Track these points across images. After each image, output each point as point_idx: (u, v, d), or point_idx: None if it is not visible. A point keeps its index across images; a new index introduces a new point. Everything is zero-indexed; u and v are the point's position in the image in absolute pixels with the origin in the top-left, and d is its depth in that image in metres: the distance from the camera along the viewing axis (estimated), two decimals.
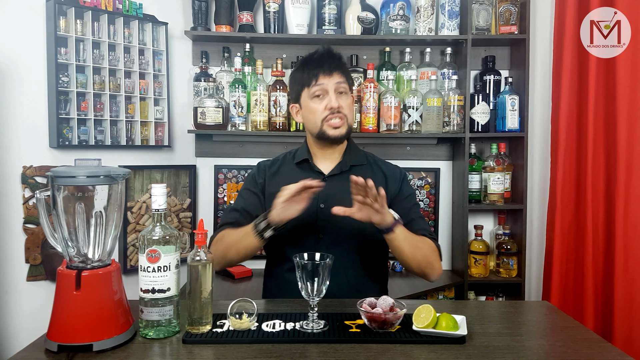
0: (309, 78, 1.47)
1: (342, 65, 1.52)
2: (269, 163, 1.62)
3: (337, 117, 1.46)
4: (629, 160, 2.18)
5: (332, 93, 1.46)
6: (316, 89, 1.46)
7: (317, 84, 1.46)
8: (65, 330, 1.05)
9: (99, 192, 1.12)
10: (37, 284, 1.99)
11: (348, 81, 1.52)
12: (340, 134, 1.47)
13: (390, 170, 1.59)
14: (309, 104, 1.48)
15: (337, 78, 1.47)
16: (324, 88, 1.46)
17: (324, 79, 1.46)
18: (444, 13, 2.35)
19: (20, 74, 1.93)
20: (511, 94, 2.35)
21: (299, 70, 1.52)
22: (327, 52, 1.51)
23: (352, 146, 1.58)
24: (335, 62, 1.49)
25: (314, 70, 1.47)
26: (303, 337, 1.11)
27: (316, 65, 1.48)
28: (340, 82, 1.48)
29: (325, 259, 1.17)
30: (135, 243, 2.21)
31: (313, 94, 1.47)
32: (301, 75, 1.51)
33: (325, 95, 1.46)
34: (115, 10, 2.11)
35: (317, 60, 1.49)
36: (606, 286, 2.24)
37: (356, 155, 1.57)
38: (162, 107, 2.31)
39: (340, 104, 1.46)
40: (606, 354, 1.07)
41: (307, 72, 1.48)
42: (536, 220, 2.51)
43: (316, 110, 1.47)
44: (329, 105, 1.45)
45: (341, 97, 1.48)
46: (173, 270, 1.12)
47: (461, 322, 1.15)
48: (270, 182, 1.55)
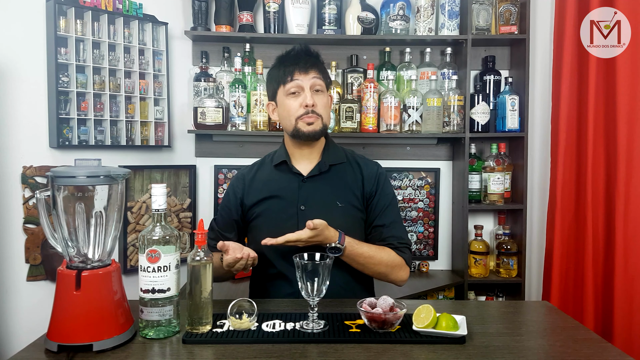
0: (284, 75, 1.46)
1: (319, 63, 1.50)
2: (246, 170, 1.60)
3: (312, 115, 1.44)
4: (629, 160, 2.18)
5: (308, 90, 1.45)
6: (291, 86, 1.45)
7: (292, 81, 1.45)
8: (65, 330, 1.05)
9: (99, 192, 1.12)
10: (37, 284, 1.99)
11: (325, 80, 1.50)
12: (314, 130, 1.45)
13: (367, 168, 1.56)
14: (285, 101, 1.47)
15: (314, 75, 1.46)
16: (300, 85, 1.45)
17: (299, 75, 1.45)
18: (444, 13, 2.35)
19: (20, 74, 1.93)
20: (511, 94, 2.35)
21: (276, 68, 1.51)
22: (304, 50, 1.50)
23: (330, 145, 1.56)
24: (312, 59, 1.48)
25: (290, 67, 1.46)
26: (303, 337, 1.11)
27: (292, 62, 1.47)
28: (316, 78, 1.46)
29: (325, 259, 1.18)
30: (135, 243, 2.21)
31: (288, 90, 1.46)
32: (277, 73, 1.50)
33: (300, 92, 1.45)
34: (115, 10, 2.11)
35: (293, 58, 1.48)
36: (606, 286, 2.24)
37: (335, 154, 1.55)
38: (162, 107, 2.31)
39: (316, 102, 1.45)
40: (606, 354, 1.07)
41: (283, 69, 1.47)
42: (536, 220, 2.52)
43: (291, 107, 1.46)
44: (304, 103, 1.44)
45: (317, 95, 1.47)
46: (173, 270, 1.12)
47: (461, 322, 1.15)
48: (249, 192, 1.54)
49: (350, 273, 1.48)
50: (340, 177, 1.52)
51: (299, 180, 1.50)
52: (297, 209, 1.46)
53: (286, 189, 1.49)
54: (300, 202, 1.47)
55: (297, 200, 1.47)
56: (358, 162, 1.57)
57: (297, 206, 1.46)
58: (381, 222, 1.50)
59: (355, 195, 1.50)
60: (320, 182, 1.49)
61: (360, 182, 1.52)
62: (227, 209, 1.57)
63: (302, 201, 1.46)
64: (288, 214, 1.46)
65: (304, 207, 1.46)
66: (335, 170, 1.52)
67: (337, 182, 1.51)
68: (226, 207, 1.58)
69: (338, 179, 1.52)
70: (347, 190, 1.47)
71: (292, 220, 1.45)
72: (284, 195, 1.49)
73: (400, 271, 1.48)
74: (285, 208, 1.48)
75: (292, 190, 1.49)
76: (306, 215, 1.39)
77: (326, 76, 1.52)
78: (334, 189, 1.46)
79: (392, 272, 1.46)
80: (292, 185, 1.50)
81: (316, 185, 1.47)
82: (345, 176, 1.53)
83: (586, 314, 2.24)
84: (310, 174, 1.50)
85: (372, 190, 1.52)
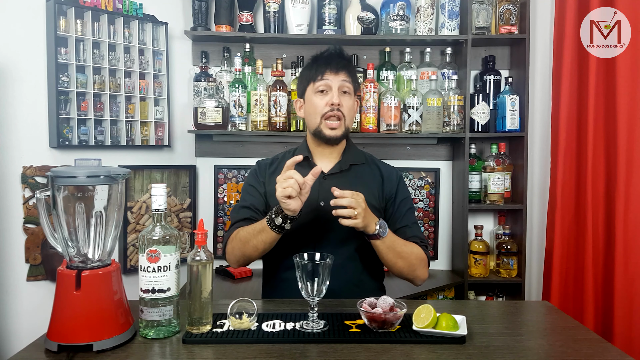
0: (315, 73, 1.50)
1: (351, 66, 1.54)
2: (268, 162, 1.62)
3: (336, 115, 1.47)
4: (629, 160, 2.18)
5: (336, 90, 1.48)
6: (320, 84, 1.49)
7: (322, 79, 1.49)
8: (65, 330, 1.05)
9: (99, 192, 1.12)
10: (37, 284, 1.99)
11: (354, 84, 1.53)
12: (336, 135, 1.49)
13: (387, 171, 1.61)
14: (312, 98, 1.51)
15: (343, 77, 1.50)
16: (329, 84, 1.48)
17: (329, 75, 1.49)
18: (444, 13, 2.35)
19: (20, 74, 1.93)
20: (511, 94, 2.35)
21: (308, 67, 1.55)
22: (337, 51, 1.55)
23: (350, 146, 1.60)
24: (343, 62, 1.52)
25: (321, 66, 1.50)
26: (303, 337, 1.11)
27: (325, 62, 1.51)
28: (345, 81, 1.50)
29: (325, 259, 1.18)
30: (135, 243, 2.21)
31: (317, 88, 1.49)
32: (309, 72, 1.53)
33: (328, 91, 1.49)
34: (115, 10, 2.11)
35: (326, 58, 1.52)
36: (606, 286, 2.24)
37: (355, 155, 1.59)
38: (162, 107, 2.31)
39: (342, 102, 1.48)
40: (606, 354, 1.07)
41: (315, 68, 1.51)
42: (536, 220, 2.52)
43: (317, 105, 1.49)
44: (330, 101, 1.47)
45: (344, 97, 1.50)
46: (173, 270, 1.12)
47: (461, 322, 1.15)
48: (270, 181, 1.55)
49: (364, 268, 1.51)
50: (360, 176, 1.55)
51: (320, 177, 1.51)
52: (317, 205, 1.48)
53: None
54: (320, 199, 1.48)
55: (318, 196, 1.48)
56: (377, 165, 1.62)
57: (317, 202, 1.48)
58: (404, 223, 1.53)
59: (374, 196, 1.52)
60: (341, 179, 1.51)
61: (380, 184, 1.56)
62: (253, 188, 1.56)
63: (322, 197, 1.48)
64: (308, 210, 1.46)
65: (323, 204, 1.48)
66: (355, 170, 1.56)
67: (356, 181, 1.53)
68: (251, 187, 1.57)
69: (358, 178, 1.55)
70: (367, 190, 1.47)
71: (312, 216, 1.47)
72: None
73: (425, 267, 1.51)
74: (305, 204, 1.48)
75: (312, 186, 1.50)
76: (326, 212, 1.41)
77: (355, 80, 1.55)
78: (354, 187, 1.46)
79: (419, 267, 1.48)
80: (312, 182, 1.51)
81: (336, 183, 1.47)
82: (365, 176, 1.56)
83: (586, 314, 2.24)
84: (331, 172, 1.53)
85: (392, 192, 1.56)
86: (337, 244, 1.46)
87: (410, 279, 1.51)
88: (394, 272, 1.48)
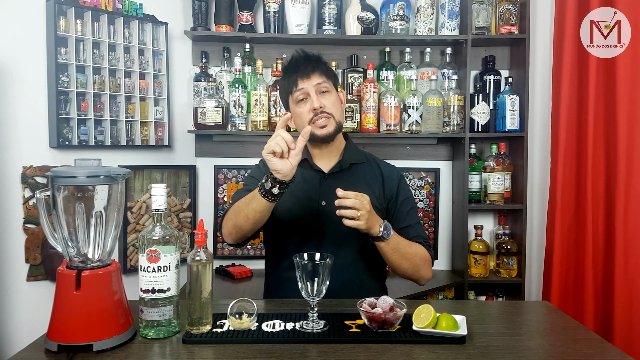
0: (289, 85, 1.50)
1: (320, 64, 1.52)
2: None
3: (322, 116, 1.47)
4: (629, 160, 2.18)
5: (314, 94, 1.47)
6: (298, 94, 1.48)
7: (297, 89, 1.48)
8: (65, 330, 1.05)
9: (99, 192, 1.12)
10: (37, 284, 1.99)
11: (330, 79, 1.52)
12: (328, 132, 1.48)
13: (388, 170, 1.61)
14: (295, 109, 1.50)
15: (316, 79, 1.48)
16: (305, 91, 1.47)
17: (302, 82, 1.47)
18: (444, 13, 2.35)
19: (20, 74, 1.93)
20: (511, 94, 2.35)
21: (282, 79, 1.55)
22: (302, 56, 1.53)
23: (350, 145, 1.60)
24: (311, 63, 1.50)
25: (292, 76, 1.49)
26: (303, 337, 1.11)
27: (294, 70, 1.50)
28: (319, 82, 1.48)
29: (325, 259, 1.18)
30: (135, 243, 2.21)
31: (296, 99, 1.49)
32: (283, 84, 1.53)
33: (307, 98, 1.48)
34: (115, 10, 2.11)
35: (294, 66, 1.51)
36: (606, 286, 2.24)
37: (355, 154, 1.59)
38: (162, 107, 2.31)
39: (323, 103, 1.47)
40: (606, 354, 1.07)
41: (287, 79, 1.51)
42: (536, 220, 2.52)
43: (301, 114, 1.48)
44: (311, 107, 1.46)
45: (324, 97, 1.49)
46: (173, 270, 1.12)
47: (461, 322, 1.15)
48: None
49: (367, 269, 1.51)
50: (361, 175, 1.56)
51: (320, 177, 1.52)
52: (318, 205, 1.48)
53: (307, 185, 1.51)
54: (321, 198, 1.49)
55: (319, 196, 1.49)
56: (378, 164, 1.62)
57: (318, 202, 1.49)
58: (407, 222, 1.53)
59: (375, 195, 1.52)
60: (341, 179, 1.51)
61: (381, 183, 1.56)
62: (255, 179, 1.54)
63: (324, 197, 1.48)
64: (309, 210, 1.47)
65: (324, 203, 1.48)
66: (355, 169, 1.56)
67: (357, 180, 1.53)
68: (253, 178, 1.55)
69: (358, 177, 1.55)
70: (367, 189, 1.47)
71: (313, 216, 1.47)
72: (305, 192, 1.50)
73: (429, 267, 1.51)
74: (306, 204, 1.50)
75: (313, 186, 1.52)
76: (327, 212, 1.41)
77: (330, 75, 1.53)
78: (355, 186, 1.46)
79: (423, 267, 1.48)
80: (313, 182, 1.52)
81: (337, 182, 1.47)
82: (366, 175, 1.56)
83: (586, 314, 2.24)
84: (331, 171, 1.53)
85: (393, 191, 1.56)
86: (339, 244, 1.46)
87: (414, 279, 1.51)
88: (399, 273, 1.48)
